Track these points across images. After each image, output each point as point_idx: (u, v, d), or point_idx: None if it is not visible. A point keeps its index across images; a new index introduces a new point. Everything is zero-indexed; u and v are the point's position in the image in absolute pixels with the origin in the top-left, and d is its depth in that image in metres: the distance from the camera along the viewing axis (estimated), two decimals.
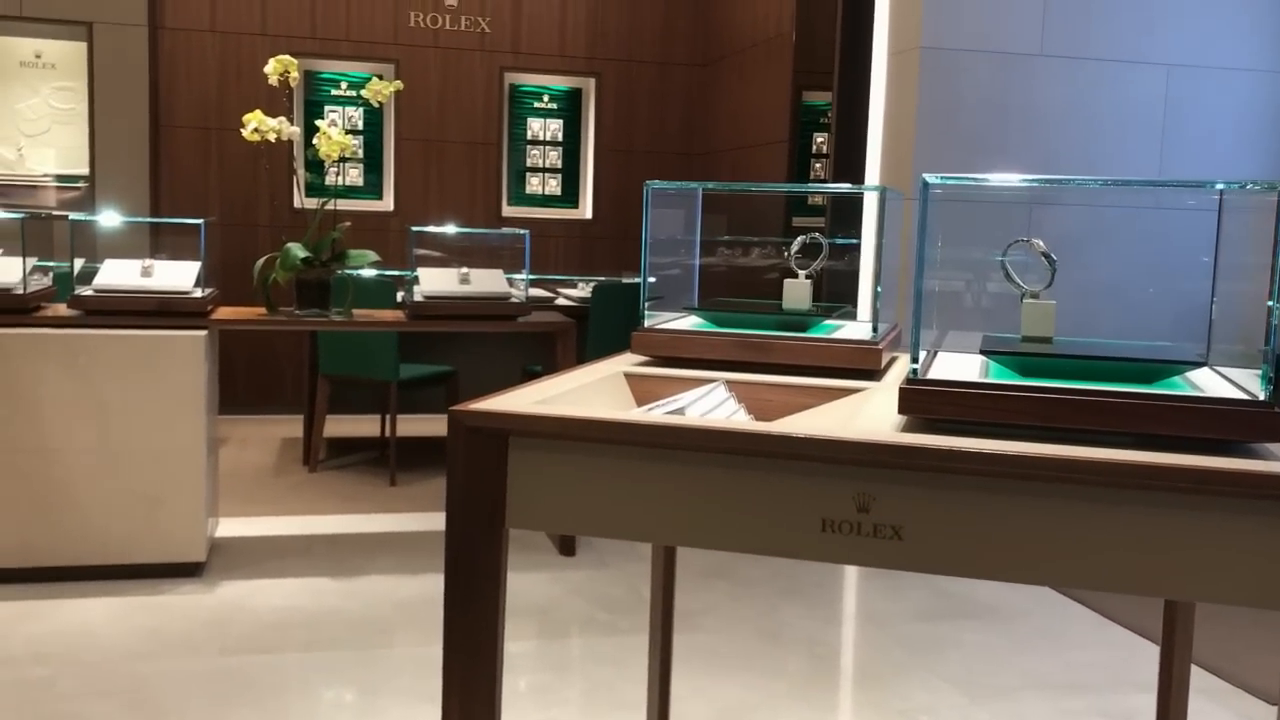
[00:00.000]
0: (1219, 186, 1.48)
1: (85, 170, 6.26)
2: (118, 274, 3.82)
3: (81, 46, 6.19)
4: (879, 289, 1.80)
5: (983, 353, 1.42)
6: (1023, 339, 1.45)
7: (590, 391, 1.65)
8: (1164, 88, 4.77)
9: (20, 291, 3.64)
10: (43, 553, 3.62)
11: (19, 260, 3.73)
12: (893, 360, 1.83)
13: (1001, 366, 1.39)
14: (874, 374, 1.70)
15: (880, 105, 4.81)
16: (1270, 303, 1.26)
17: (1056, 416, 1.26)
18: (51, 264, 4.07)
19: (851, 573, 4.16)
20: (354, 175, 6.84)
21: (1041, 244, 1.47)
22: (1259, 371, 1.28)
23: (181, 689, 2.95)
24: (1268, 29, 4.89)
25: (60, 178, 6.33)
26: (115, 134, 6.21)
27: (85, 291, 3.74)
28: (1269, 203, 1.31)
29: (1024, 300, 1.46)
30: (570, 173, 7.29)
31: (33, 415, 3.58)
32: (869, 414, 1.43)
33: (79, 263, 3.99)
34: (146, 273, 3.83)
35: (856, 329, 1.84)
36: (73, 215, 4.55)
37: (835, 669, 3.39)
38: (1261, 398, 1.25)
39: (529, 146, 7.21)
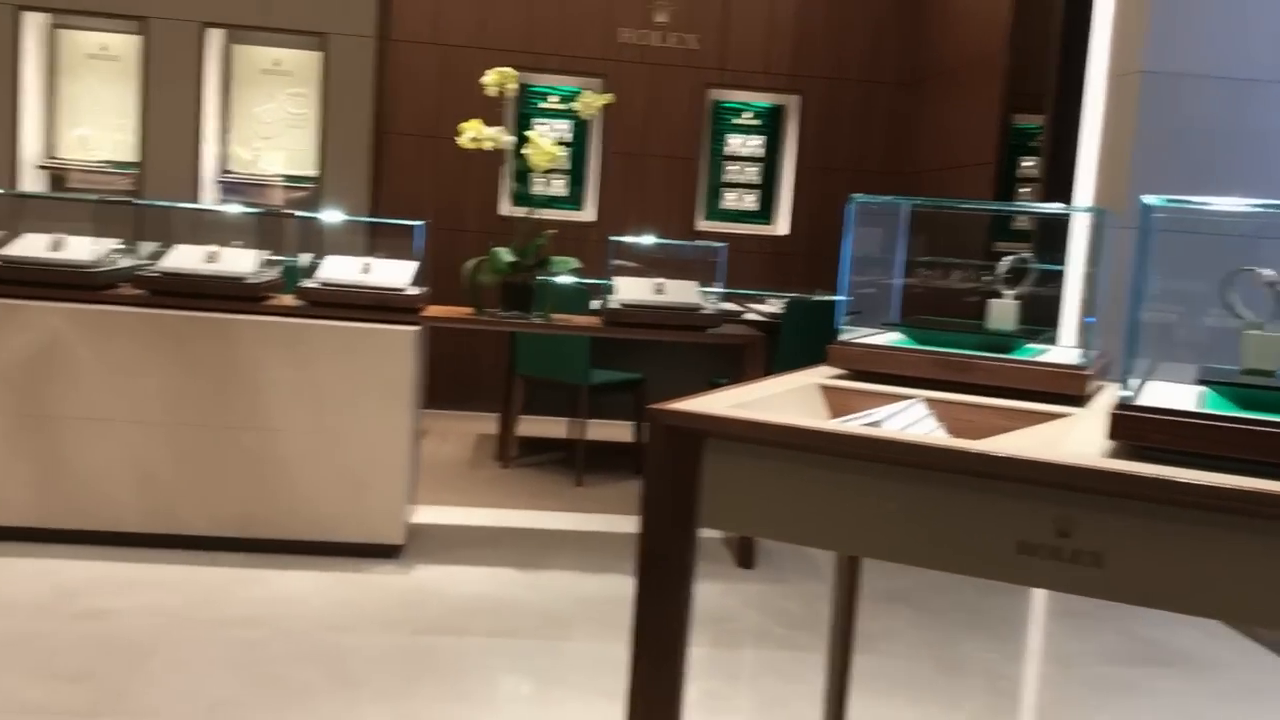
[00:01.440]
0: None
1: (313, 172, 6.68)
2: (339, 269, 4.07)
3: (316, 56, 6.61)
4: (1091, 317, 1.76)
5: (1201, 382, 1.37)
6: (1243, 371, 1.40)
7: (785, 400, 1.67)
8: None
9: (252, 281, 3.92)
10: (260, 524, 3.89)
11: (252, 253, 4.03)
12: (1100, 389, 1.79)
13: (1220, 397, 1.35)
14: (1079, 400, 1.66)
15: (1096, 129, 4.64)
16: None
17: (1273, 451, 1.21)
18: (281, 258, 4.37)
19: (1039, 609, 4.02)
20: (558, 186, 7.05)
21: (1269, 273, 1.41)
22: None
23: (374, 662, 3.12)
24: None
25: (290, 178, 6.77)
26: (342, 138, 6.61)
27: (310, 284, 4.00)
28: None
29: (1246, 331, 1.41)
30: (767, 189, 7.31)
31: (256, 396, 3.86)
32: (1074, 438, 1.40)
33: (305, 257, 4.27)
34: (365, 269, 4.06)
35: (1063, 353, 1.80)
36: (300, 213, 4.87)
37: (1015, 706, 3.29)
38: None
39: (726, 162, 7.26)
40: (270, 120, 6.81)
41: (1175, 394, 1.38)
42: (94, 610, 3.34)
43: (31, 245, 3.93)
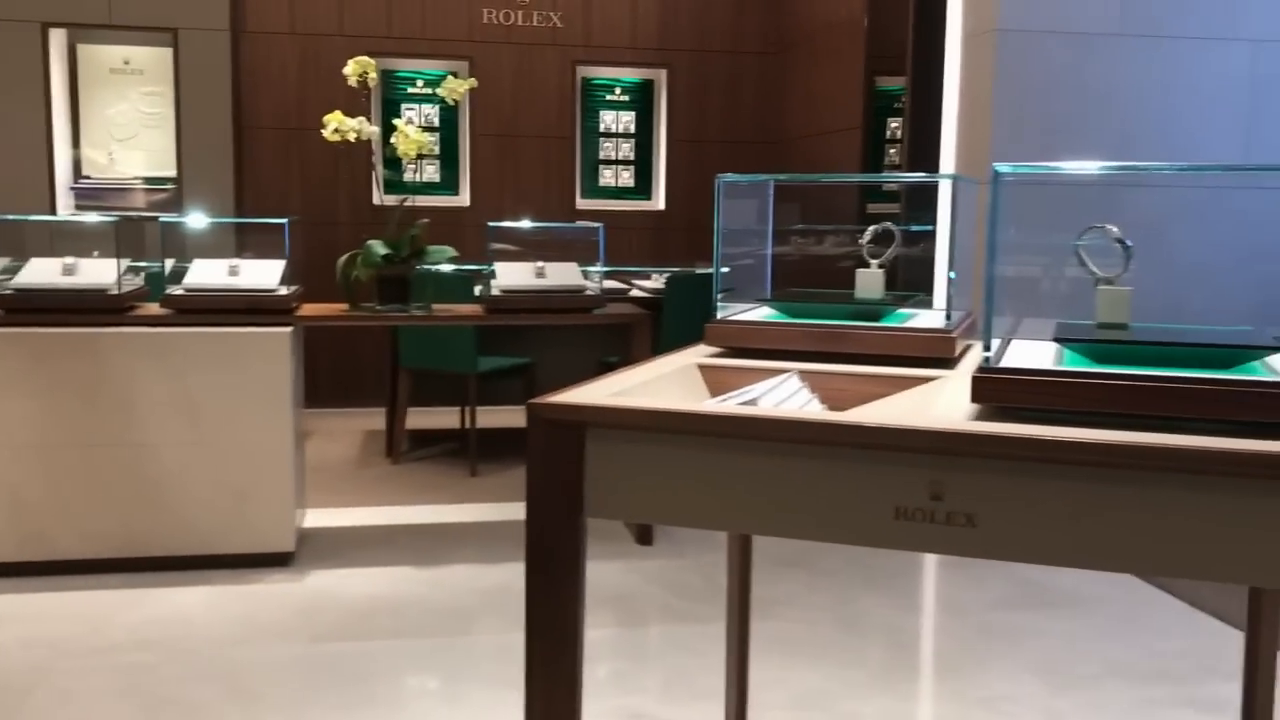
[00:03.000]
0: None
1: (173, 172, 6.46)
2: (206, 273, 3.95)
3: (167, 53, 6.37)
4: (952, 275, 1.80)
5: (1056, 340, 1.42)
6: (1098, 326, 1.44)
7: (664, 383, 1.68)
8: (1249, 65, 4.65)
9: (115, 292, 3.78)
10: (141, 543, 3.76)
11: (113, 262, 3.88)
12: (967, 348, 1.83)
13: (1075, 354, 1.39)
14: (948, 362, 1.70)
15: (955, 89, 4.76)
16: None
17: (1130, 403, 1.26)
18: (143, 264, 4.21)
19: (930, 563, 4.14)
20: (431, 172, 6.94)
21: (1116, 230, 1.46)
22: None
23: (274, 674, 3.06)
24: None
25: (149, 180, 6.54)
26: (201, 136, 6.39)
27: (176, 291, 3.87)
28: None
29: (1098, 287, 1.46)
30: (643, 165, 7.32)
31: (128, 411, 3.72)
32: (942, 402, 1.43)
33: (169, 263, 4.13)
34: (233, 272, 3.95)
35: (930, 318, 1.84)
36: (163, 217, 4.70)
37: (915, 658, 3.38)
38: None
39: (602, 139, 7.25)
40: (124, 121, 6.55)
41: (1035, 352, 1.41)
42: None
43: None
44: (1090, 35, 4.54)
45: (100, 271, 3.84)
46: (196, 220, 4.59)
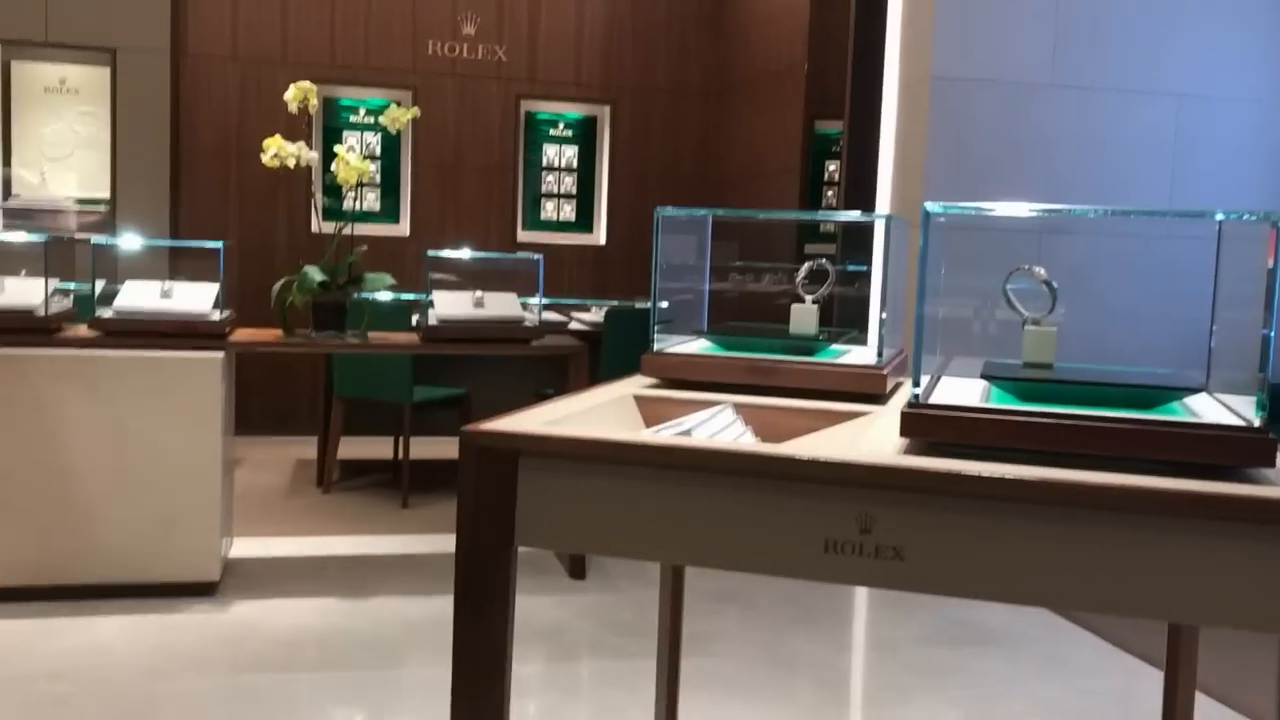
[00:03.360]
0: (1218, 217, 1.51)
1: (106, 194, 6.35)
2: (138, 296, 3.88)
3: (105, 72, 6.29)
4: (884, 315, 1.83)
5: (983, 377, 1.44)
6: (1024, 365, 1.48)
7: (600, 413, 1.68)
8: (1174, 117, 4.80)
9: (42, 313, 3.70)
10: (61, 571, 3.66)
11: (41, 282, 3.80)
12: (898, 385, 1.86)
13: (1002, 391, 1.42)
14: (879, 398, 1.72)
15: (891, 135, 4.85)
16: (1265, 331, 1.28)
17: (1055, 441, 1.28)
18: (73, 286, 4.13)
19: (861, 598, 4.17)
20: (371, 200, 6.91)
21: (1043, 271, 1.50)
22: (1255, 398, 1.30)
23: (194, 707, 2.98)
24: (1277, 60, 4.92)
25: (82, 201, 6.42)
26: (137, 158, 6.30)
27: (106, 313, 3.80)
28: (1267, 233, 1.33)
29: (1025, 327, 1.49)
30: (585, 199, 7.35)
31: (53, 435, 3.63)
32: (872, 437, 1.45)
33: (100, 285, 4.05)
34: (166, 295, 3.88)
35: (863, 354, 1.87)
36: (94, 238, 4.61)
37: (843, 695, 3.39)
38: (1256, 424, 1.27)
39: (544, 173, 7.27)
40: (58, 141, 6.43)
41: (963, 390, 1.44)
42: None
43: None
44: (1023, 85, 4.66)
45: (27, 291, 3.75)
46: (129, 242, 4.51)
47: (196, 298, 3.88)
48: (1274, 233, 1.27)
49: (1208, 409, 1.39)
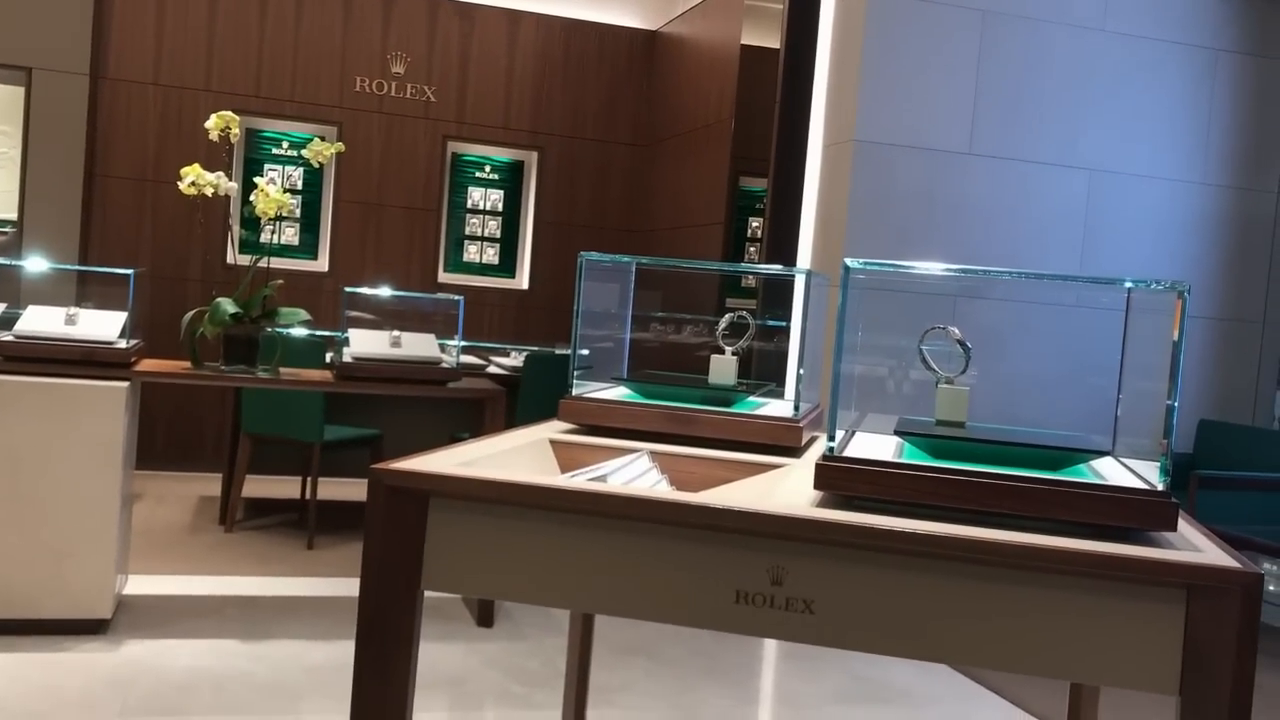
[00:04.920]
0: (1127, 285, 1.55)
1: (14, 215, 6.16)
2: (41, 321, 3.76)
3: (19, 91, 6.13)
4: (801, 370, 1.85)
5: (897, 433, 1.46)
6: (937, 423, 1.49)
7: (515, 456, 1.66)
8: (1086, 191, 4.97)
9: None
10: None
11: None
12: (814, 439, 1.87)
13: (915, 448, 1.43)
14: (794, 451, 1.73)
15: (814, 193, 4.94)
16: (1168, 401, 1.31)
17: (965, 498, 1.30)
18: None
19: (770, 653, 4.16)
20: (290, 234, 6.81)
21: (957, 332, 1.52)
22: (1159, 463, 1.34)
23: None
24: (1185, 141, 5.13)
25: None
26: (48, 180, 6.14)
27: (5, 337, 3.67)
28: (1172, 303, 1.37)
29: (939, 385, 1.51)
30: (509, 243, 7.34)
31: None
32: (787, 489, 1.45)
33: (0, 308, 3.92)
34: (71, 320, 3.77)
35: (780, 407, 1.88)
36: None
37: None
38: (1159, 488, 1.30)
39: (469, 215, 7.25)
40: None
41: (877, 445, 1.45)
42: None
43: None
44: (942, 153, 4.79)
45: None
46: (35, 265, 4.37)
47: (103, 325, 3.77)
48: (1179, 302, 1.31)
49: (1113, 472, 1.42)
